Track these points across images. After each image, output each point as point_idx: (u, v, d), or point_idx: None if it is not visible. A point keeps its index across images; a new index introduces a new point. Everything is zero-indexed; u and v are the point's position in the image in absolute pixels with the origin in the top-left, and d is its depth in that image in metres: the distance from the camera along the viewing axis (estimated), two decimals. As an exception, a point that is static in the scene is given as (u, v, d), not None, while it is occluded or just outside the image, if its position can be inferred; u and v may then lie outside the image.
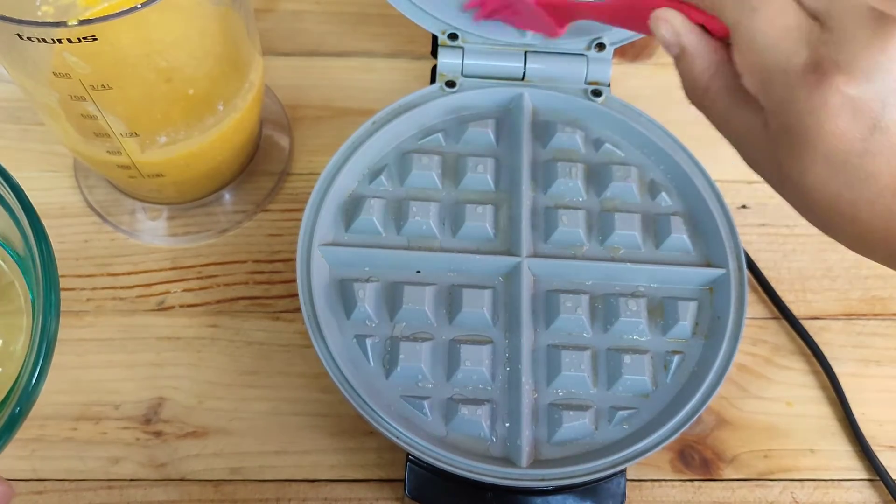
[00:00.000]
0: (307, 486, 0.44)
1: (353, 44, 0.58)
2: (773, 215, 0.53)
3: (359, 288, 0.41)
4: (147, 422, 0.45)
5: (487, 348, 0.41)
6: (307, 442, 0.45)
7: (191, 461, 0.44)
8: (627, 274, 0.43)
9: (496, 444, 0.39)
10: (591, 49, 0.47)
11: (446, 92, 0.47)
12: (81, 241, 0.50)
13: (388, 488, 0.44)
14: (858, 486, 0.45)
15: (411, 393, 0.40)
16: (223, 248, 0.50)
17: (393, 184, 0.45)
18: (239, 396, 0.46)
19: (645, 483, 0.45)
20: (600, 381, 0.41)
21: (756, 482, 0.45)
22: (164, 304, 0.48)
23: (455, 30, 0.47)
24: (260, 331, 0.48)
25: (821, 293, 0.51)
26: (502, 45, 0.47)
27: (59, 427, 0.44)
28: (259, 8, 0.59)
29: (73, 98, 0.38)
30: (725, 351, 0.41)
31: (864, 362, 0.48)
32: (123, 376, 0.46)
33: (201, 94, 0.42)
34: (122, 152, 0.42)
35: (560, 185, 0.45)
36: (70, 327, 0.47)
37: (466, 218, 0.44)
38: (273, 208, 0.52)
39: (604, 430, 0.40)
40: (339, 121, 0.55)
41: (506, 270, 0.43)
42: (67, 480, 0.43)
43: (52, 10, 0.42)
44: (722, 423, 0.46)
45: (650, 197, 0.45)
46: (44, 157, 0.52)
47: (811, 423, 0.47)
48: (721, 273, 0.43)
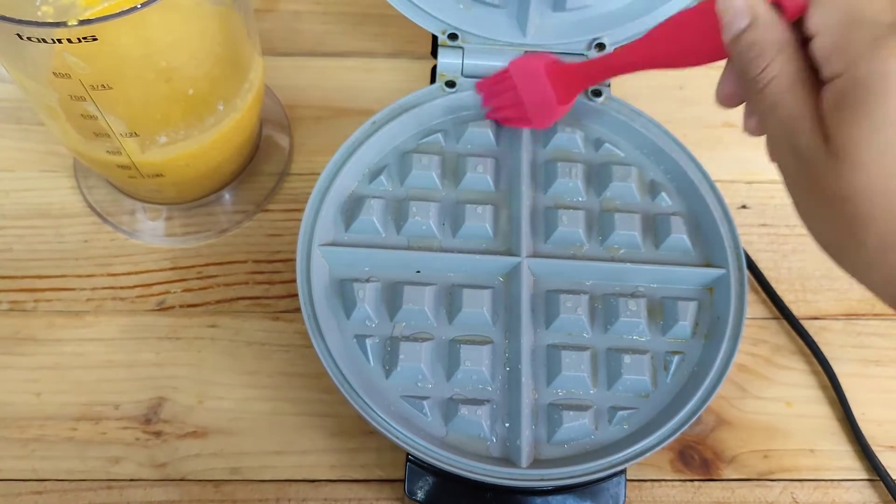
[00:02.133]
0: (307, 487, 0.44)
1: (353, 44, 0.58)
2: (773, 215, 0.53)
3: (359, 288, 0.41)
4: (147, 422, 0.45)
5: (487, 348, 0.41)
6: (307, 442, 0.45)
7: (191, 461, 0.44)
8: (627, 274, 0.43)
9: (496, 444, 0.39)
10: (591, 49, 0.47)
11: (446, 92, 0.47)
12: (81, 241, 0.50)
13: (388, 488, 0.44)
14: (858, 486, 0.45)
15: (411, 393, 0.40)
16: (223, 248, 0.50)
17: (393, 184, 0.45)
18: (239, 396, 0.46)
19: (645, 483, 0.45)
20: (600, 381, 0.41)
21: (756, 482, 0.45)
22: (164, 304, 0.48)
23: (455, 30, 0.47)
24: (260, 331, 0.48)
25: (821, 293, 0.51)
26: (502, 45, 0.47)
27: (59, 427, 0.44)
28: (259, 8, 0.59)
29: (73, 98, 0.38)
30: (725, 351, 0.41)
31: (864, 362, 0.48)
32: (123, 376, 0.46)
33: (201, 94, 0.42)
34: (122, 152, 0.42)
35: (560, 185, 0.45)
36: (70, 327, 0.47)
37: (466, 218, 0.44)
38: (273, 208, 0.52)
39: (604, 430, 0.40)
40: (338, 121, 0.55)
41: (506, 270, 0.43)
42: (67, 480, 0.43)
43: (52, 10, 0.42)
44: (722, 424, 0.46)
45: (650, 197, 0.45)
46: (44, 157, 0.52)
47: (811, 423, 0.47)
48: (721, 273, 0.43)
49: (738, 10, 0.30)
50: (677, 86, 0.57)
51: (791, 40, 0.29)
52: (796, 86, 0.29)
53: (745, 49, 0.30)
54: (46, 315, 0.47)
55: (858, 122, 0.27)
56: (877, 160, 0.26)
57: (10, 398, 0.45)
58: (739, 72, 0.31)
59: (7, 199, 0.51)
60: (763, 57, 0.29)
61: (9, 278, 0.48)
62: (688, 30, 0.34)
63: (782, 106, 0.29)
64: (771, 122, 0.30)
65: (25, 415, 0.45)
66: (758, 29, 0.30)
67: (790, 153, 0.29)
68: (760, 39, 0.30)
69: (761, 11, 0.30)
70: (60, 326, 0.47)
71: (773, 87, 0.29)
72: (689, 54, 0.34)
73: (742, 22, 0.30)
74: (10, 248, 0.49)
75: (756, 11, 0.30)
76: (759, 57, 0.30)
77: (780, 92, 0.29)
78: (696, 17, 0.33)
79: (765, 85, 0.29)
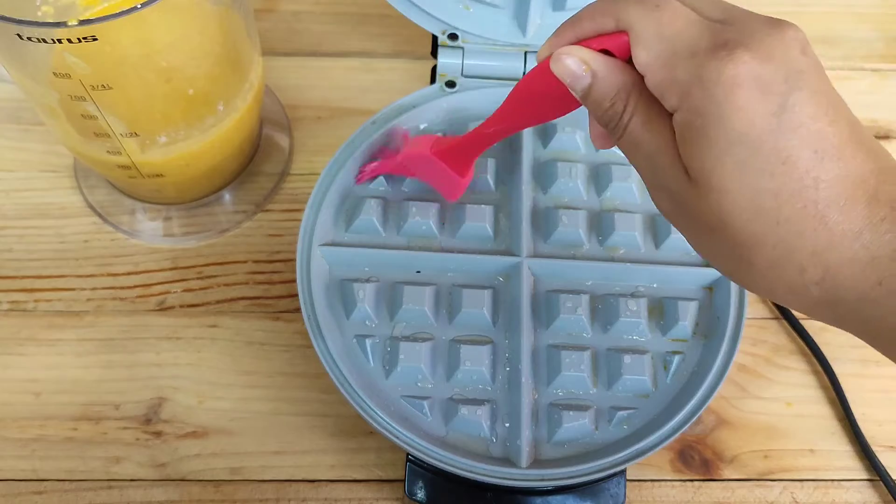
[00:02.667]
0: (307, 487, 0.44)
1: (353, 44, 0.58)
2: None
3: (359, 288, 0.41)
4: (147, 422, 0.45)
5: (487, 348, 0.41)
6: (307, 442, 0.45)
7: (191, 461, 0.44)
8: (627, 274, 0.43)
9: (496, 444, 0.39)
10: (591, 49, 0.47)
11: (446, 92, 0.47)
12: (81, 241, 0.50)
13: (388, 488, 0.44)
14: (858, 486, 0.45)
15: (411, 393, 0.40)
16: (223, 248, 0.50)
17: (393, 184, 0.45)
18: (239, 396, 0.46)
19: (645, 483, 0.45)
20: (600, 381, 0.41)
21: (756, 482, 0.45)
22: (165, 304, 0.48)
23: (455, 30, 0.47)
24: (260, 331, 0.48)
25: (821, 293, 0.50)
26: (502, 45, 0.48)
27: (60, 427, 0.44)
28: (259, 8, 0.59)
29: (73, 98, 0.38)
30: (725, 351, 0.41)
31: (864, 362, 0.48)
32: (123, 376, 0.46)
33: (201, 94, 0.42)
34: (122, 152, 0.42)
35: (560, 185, 0.45)
36: (70, 327, 0.47)
37: (466, 218, 0.44)
38: (273, 208, 0.52)
39: (604, 430, 0.40)
40: (338, 121, 0.55)
41: (506, 270, 0.43)
42: (67, 480, 0.43)
43: (52, 10, 0.42)
44: (722, 423, 0.46)
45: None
46: (44, 157, 0.52)
47: (811, 423, 0.47)
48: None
49: (575, 73, 0.30)
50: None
51: (637, 79, 0.29)
52: (651, 122, 0.29)
53: (596, 104, 0.30)
54: (46, 315, 0.47)
55: (707, 151, 0.26)
56: (736, 182, 0.26)
57: (10, 398, 0.45)
58: (598, 122, 0.31)
59: (7, 199, 0.51)
60: (615, 106, 0.29)
61: (9, 278, 0.48)
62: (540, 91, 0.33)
63: (643, 144, 0.29)
64: (637, 162, 0.30)
65: (25, 415, 0.45)
66: (600, 82, 0.30)
67: (660, 189, 0.29)
68: (606, 90, 0.30)
69: (596, 65, 0.30)
70: (60, 326, 0.47)
71: (630, 128, 0.29)
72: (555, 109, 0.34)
73: (584, 81, 0.30)
74: (10, 248, 0.49)
75: (592, 67, 0.30)
76: (611, 107, 0.30)
77: (637, 132, 0.29)
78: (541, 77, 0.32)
79: (623, 129, 0.29)
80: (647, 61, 0.28)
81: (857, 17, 0.62)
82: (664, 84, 0.28)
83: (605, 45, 0.30)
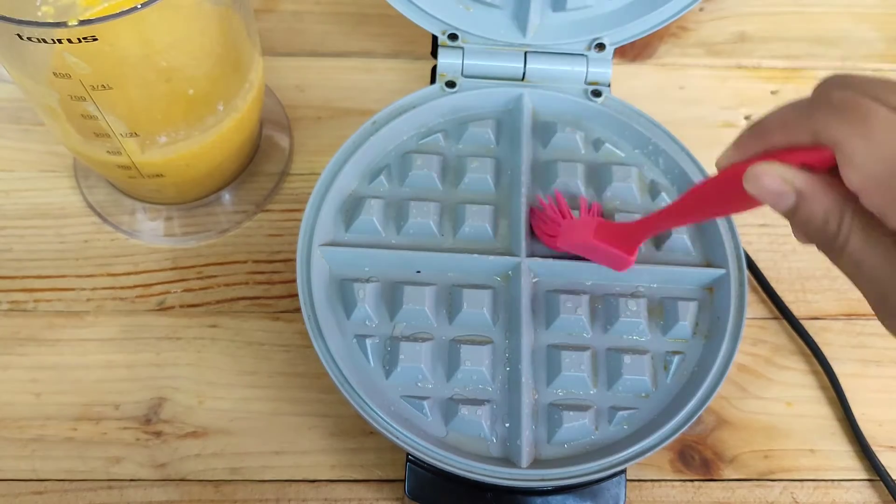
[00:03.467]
0: (307, 487, 0.44)
1: (353, 44, 0.58)
2: (773, 215, 0.52)
3: (359, 288, 0.41)
4: (147, 422, 0.45)
5: (487, 348, 0.41)
6: (307, 442, 0.45)
7: (191, 461, 0.44)
8: (627, 274, 0.43)
9: (496, 444, 0.39)
10: (591, 49, 0.47)
11: (446, 92, 0.47)
12: (81, 241, 0.50)
13: (388, 488, 0.44)
14: (858, 486, 0.45)
15: (411, 393, 0.40)
16: (223, 248, 0.50)
17: (393, 184, 0.45)
18: (239, 396, 0.46)
19: (645, 483, 0.45)
20: (600, 381, 0.41)
21: (756, 482, 0.45)
22: (165, 304, 0.48)
23: (455, 30, 0.47)
24: (260, 331, 0.48)
25: (821, 293, 0.51)
26: (502, 45, 0.48)
27: (60, 427, 0.44)
28: (259, 8, 0.59)
29: (74, 98, 0.38)
30: (725, 351, 0.41)
31: (864, 362, 0.48)
32: (123, 376, 0.46)
33: (201, 95, 0.42)
34: (122, 152, 0.42)
35: (560, 185, 0.45)
36: (70, 327, 0.47)
37: (466, 218, 0.44)
38: (273, 208, 0.52)
39: (604, 431, 0.40)
40: (338, 121, 0.55)
41: (506, 270, 0.43)
42: (67, 480, 0.43)
43: (52, 10, 0.42)
44: (722, 424, 0.46)
45: (650, 197, 0.45)
46: (44, 157, 0.52)
47: (811, 423, 0.47)
48: (721, 273, 0.43)
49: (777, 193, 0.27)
50: (677, 86, 0.57)
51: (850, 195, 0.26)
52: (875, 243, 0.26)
53: (805, 224, 0.27)
54: (46, 315, 0.47)
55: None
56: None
57: (10, 398, 0.45)
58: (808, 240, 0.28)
59: (7, 199, 0.51)
60: (828, 226, 0.27)
61: (9, 278, 0.48)
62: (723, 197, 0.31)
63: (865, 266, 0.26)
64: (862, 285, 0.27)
65: (25, 415, 0.45)
66: (808, 203, 0.27)
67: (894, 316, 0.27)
68: (815, 211, 0.27)
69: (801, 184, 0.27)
70: (60, 326, 0.47)
71: (849, 250, 0.27)
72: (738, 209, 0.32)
73: (787, 201, 0.27)
74: (10, 248, 0.49)
75: (797, 187, 0.27)
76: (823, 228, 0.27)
77: (858, 253, 0.26)
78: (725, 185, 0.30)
79: (840, 250, 0.27)
80: (861, 184, 0.25)
81: (857, 17, 0.62)
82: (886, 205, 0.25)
83: (805, 160, 0.27)
